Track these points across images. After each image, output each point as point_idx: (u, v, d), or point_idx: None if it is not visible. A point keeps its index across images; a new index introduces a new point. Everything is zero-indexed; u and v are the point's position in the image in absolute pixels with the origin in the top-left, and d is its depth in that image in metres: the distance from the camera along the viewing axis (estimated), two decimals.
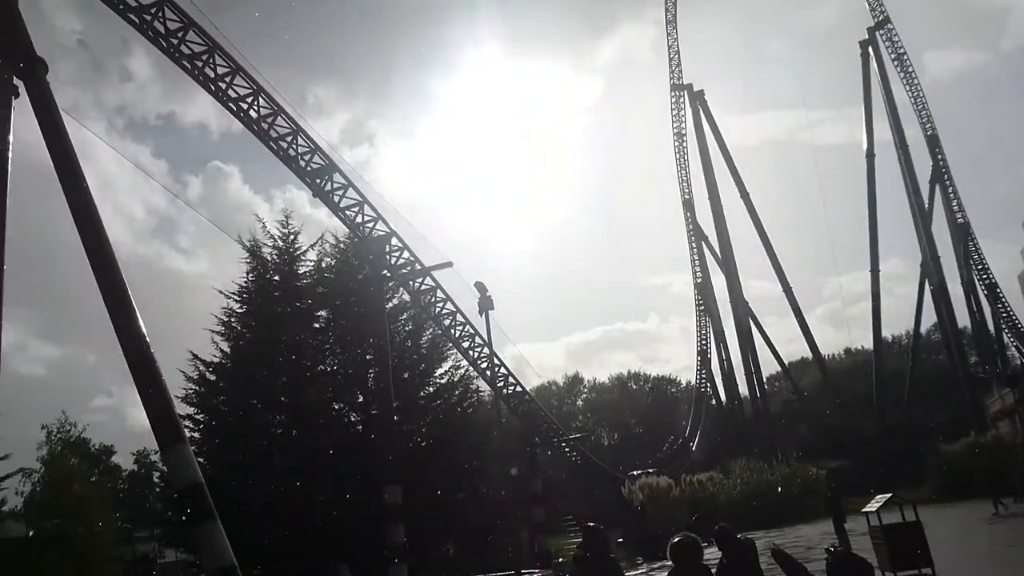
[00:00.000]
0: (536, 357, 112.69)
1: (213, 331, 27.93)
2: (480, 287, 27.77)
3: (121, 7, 16.96)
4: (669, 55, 61.83)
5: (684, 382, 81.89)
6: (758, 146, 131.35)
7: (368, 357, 28.18)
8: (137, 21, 17.28)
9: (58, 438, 26.23)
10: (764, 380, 60.49)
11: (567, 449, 42.66)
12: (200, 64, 18.48)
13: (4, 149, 12.79)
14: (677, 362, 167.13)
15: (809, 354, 66.47)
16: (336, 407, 29.40)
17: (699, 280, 62.21)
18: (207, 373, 27.53)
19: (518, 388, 33.70)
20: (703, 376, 63.37)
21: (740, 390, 60.57)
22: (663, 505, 35.55)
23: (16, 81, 13.26)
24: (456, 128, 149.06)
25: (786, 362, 68.02)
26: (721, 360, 61.32)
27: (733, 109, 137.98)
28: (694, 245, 62.48)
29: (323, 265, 30.73)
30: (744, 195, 59.76)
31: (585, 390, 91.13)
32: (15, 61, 13.17)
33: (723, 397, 62.53)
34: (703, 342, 62.89)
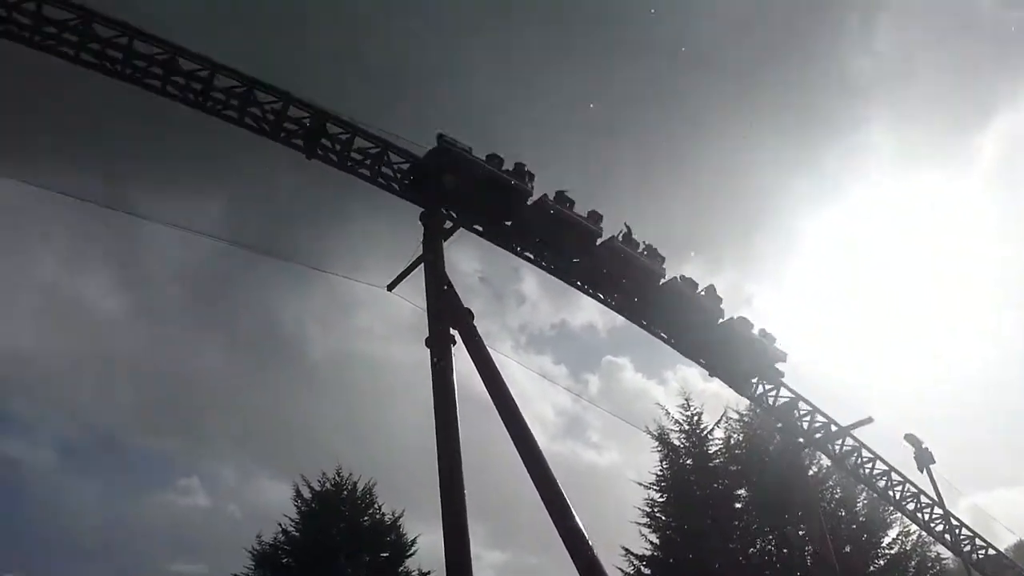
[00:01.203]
0: (1003, 507, 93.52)
1: (639, 523, 28.65)
2: (912, 440, 24.84)
3: (517, 248, 20.10)
4: None
5: None
6: None
7: (800, 532, 26.40)
8: (533, 256, 20.30)
9: None
10: None
11: None
12: None
13: (452, 389, 15.54)
14: None
15: None
16: None
17: None
18: (641, 567, 27.94)
19: (991, 551, 28.51)
20: None
21: None
22: None
23: (452, 331, 16.27)
24: (836, 261, 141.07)
25: None
26: None
27: None
28: None
29: (731, 442, 30.32)
30: None
31: None
32: (452, 318, 16.27)
33: None
34: None
